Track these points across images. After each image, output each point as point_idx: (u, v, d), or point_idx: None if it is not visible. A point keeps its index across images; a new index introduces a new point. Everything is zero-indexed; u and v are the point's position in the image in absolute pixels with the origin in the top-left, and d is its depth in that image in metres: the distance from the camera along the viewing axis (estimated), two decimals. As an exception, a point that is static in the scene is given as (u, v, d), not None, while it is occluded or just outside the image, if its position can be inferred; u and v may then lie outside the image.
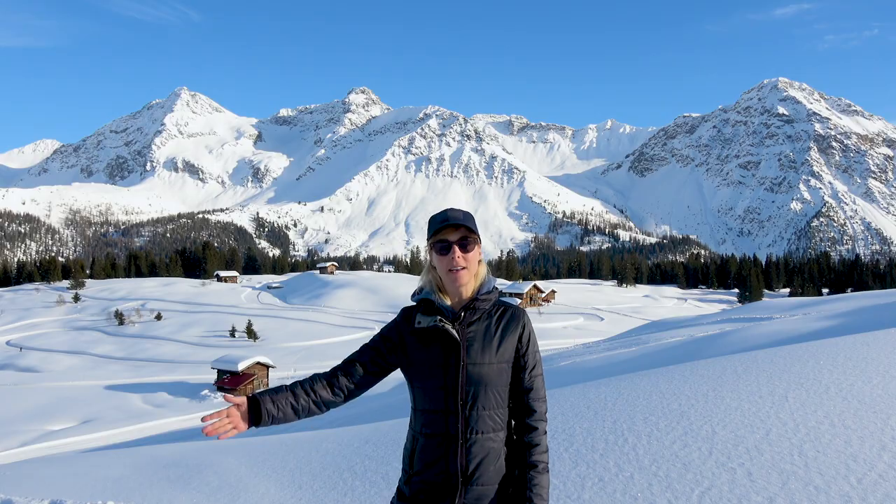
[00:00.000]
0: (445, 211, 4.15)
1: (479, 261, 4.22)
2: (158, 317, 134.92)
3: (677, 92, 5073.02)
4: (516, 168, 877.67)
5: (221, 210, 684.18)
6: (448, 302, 4.14)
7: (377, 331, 5.16)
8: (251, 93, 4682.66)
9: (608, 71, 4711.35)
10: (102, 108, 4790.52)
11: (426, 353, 4.04)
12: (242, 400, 3.87)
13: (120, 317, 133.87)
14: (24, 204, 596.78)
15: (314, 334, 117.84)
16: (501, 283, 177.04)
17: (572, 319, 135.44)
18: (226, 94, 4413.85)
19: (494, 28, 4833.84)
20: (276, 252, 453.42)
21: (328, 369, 4.22)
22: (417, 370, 4.06)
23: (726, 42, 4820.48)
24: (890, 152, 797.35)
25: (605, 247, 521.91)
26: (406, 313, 4.24)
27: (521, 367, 4.13)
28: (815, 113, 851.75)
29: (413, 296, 4.27)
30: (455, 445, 3.95)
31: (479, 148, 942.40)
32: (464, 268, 4.07)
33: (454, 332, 4.02)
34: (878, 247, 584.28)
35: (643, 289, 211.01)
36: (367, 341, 4.31)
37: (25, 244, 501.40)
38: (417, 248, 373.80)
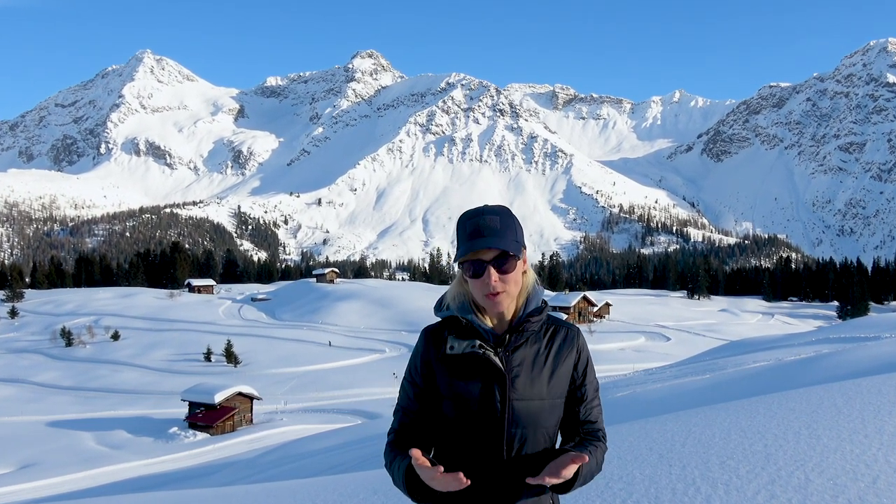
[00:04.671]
0: (477, 218, 3.85)
1: (525, 271, 4.03)
2: (115, 336, 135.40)
3: (761, 56, 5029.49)
4: (561, 151, 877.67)
5: (194, 203, 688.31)
6: (488, 322, 3.94)
7: (388, 353, 5.06)
8: (231, 57, 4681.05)
9: (677, 31, 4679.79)
10: (46, 77, 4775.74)
11: (460, 386, 3.83)
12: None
13: (67, 336, 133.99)
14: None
15: (309, 358, 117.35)
16: (544, 295, 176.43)
17: (631, 340, 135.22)
18: (199, 58, 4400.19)
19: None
20: (262, 255, 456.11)
21: (394, 437, 4.06)
22: (448, 406, 3.84)
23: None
24: None
25: (671, 249, 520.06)
26: (432, 335, 4.04)
27: (577, 399, 4.03)
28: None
29: (437, 309, 4.07)
30: (493, 501, 3.80)
31: (516, 126, 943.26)
32: (503, 291, 3.83)
33: (497, 360, 3.82)
34: None
35: (719, 301, 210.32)
36: (404, 384, 4.13)
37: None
38: (438, 250, 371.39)
